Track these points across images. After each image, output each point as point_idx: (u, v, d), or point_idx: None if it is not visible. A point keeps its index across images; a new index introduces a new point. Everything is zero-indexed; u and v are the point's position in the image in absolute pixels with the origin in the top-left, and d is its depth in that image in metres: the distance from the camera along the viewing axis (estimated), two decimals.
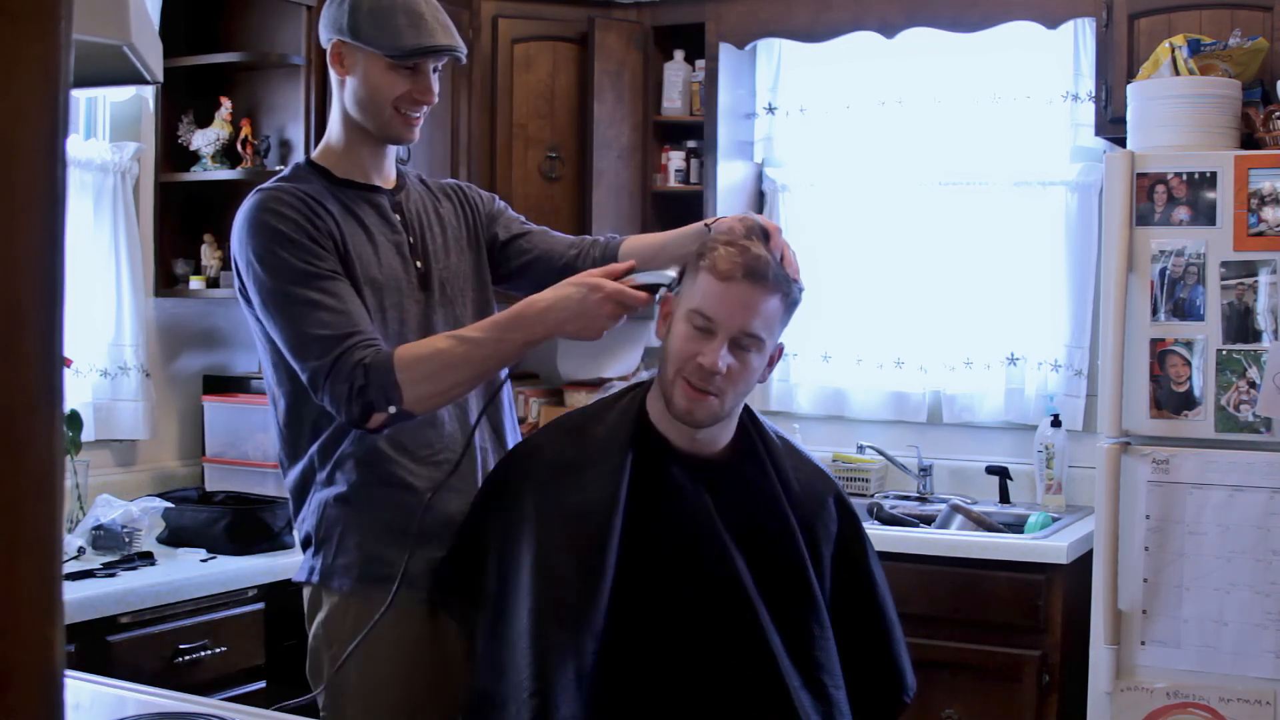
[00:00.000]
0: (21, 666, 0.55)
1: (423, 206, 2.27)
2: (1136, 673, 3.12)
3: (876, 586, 2.01)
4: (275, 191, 2.12)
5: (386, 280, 2.14)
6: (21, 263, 0.55)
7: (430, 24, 2.15)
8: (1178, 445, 3.09)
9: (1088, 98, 3.73)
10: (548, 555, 1.85)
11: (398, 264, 2.17)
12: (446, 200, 2.32)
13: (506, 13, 4.00)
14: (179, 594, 2.74)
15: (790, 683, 1.84)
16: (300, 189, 2.12)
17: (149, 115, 3.44)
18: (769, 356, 1.92)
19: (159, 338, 3.50)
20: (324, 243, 2.08)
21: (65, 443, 1.30)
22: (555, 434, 2.00)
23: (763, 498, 1.93)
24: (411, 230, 2.22)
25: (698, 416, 1.87)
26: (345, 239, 2.11)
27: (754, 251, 1.84)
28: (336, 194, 2.16)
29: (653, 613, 1.86)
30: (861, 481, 3.97)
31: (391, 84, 2.14)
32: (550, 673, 1.78)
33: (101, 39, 1.44)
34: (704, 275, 1.85)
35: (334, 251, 2.09)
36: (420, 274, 2.19)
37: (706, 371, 1.83)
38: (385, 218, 2.20)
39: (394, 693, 2.08)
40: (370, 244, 2.15)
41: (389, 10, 2.13)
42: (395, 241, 2.18)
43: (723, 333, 1.83)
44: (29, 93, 0.55)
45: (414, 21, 2.13)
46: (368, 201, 2.19)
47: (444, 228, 2.27)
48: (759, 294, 1.83)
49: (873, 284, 4.11)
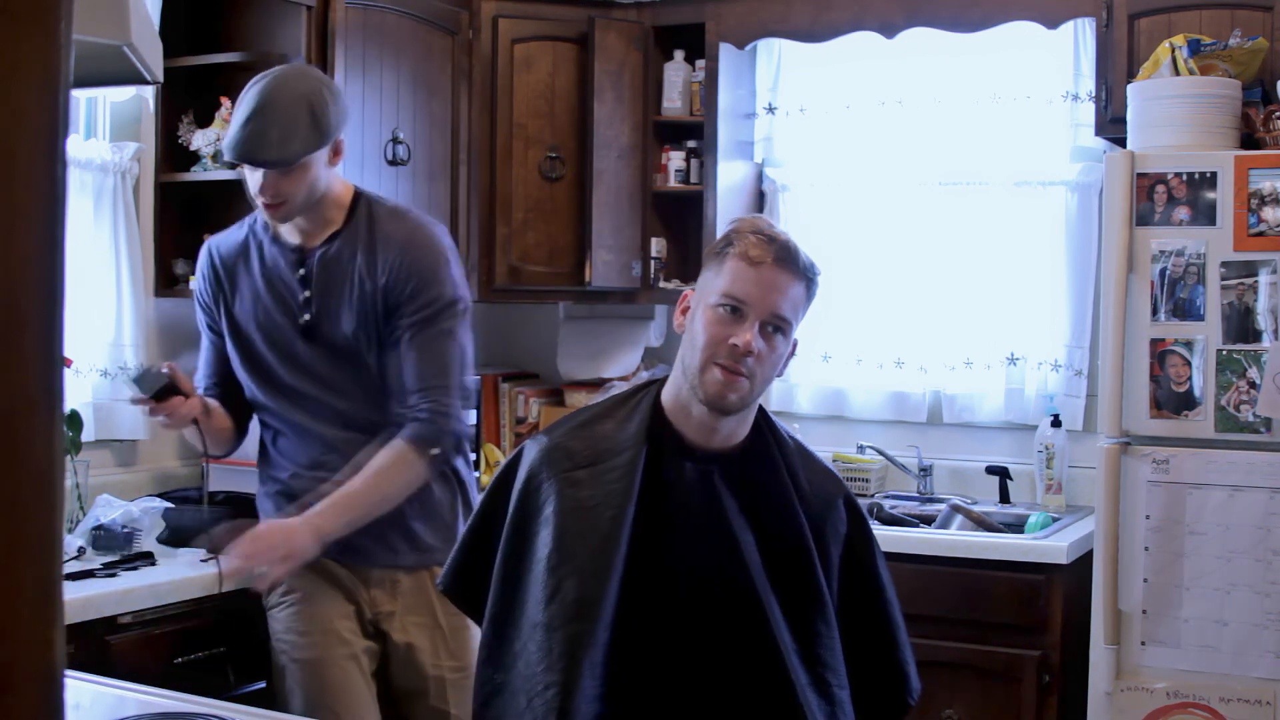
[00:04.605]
0: (21, 666, 0.55)
1: (337, 262, 2.60)
2: (1136, 673, 3.12)
3: (884, 589, 2.02)
4: (205, 247, 2.73)
5: (270, 327, 2.61)
6: (21, 263, 0.55)
7: (254, 135, 2.45)
8: (1178, 445, 3.09)
9: (1088, 98, 3.73)
10: (563, 547, 1.86)
11: (283, 317, 2.61)
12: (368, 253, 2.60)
13: (506, 13, 4.00)
14: (179, 594, 2.74)
15: (798, 680, 1.85)
16: (226, 245, 2.68)
17: (149, 115, 3.44)
18: (789, 348, 1.95)
19: (159, 338, 3.50)
20: (207, 302, 2.70)
21: (65, 443, 1.30)
22: (569, 428, 2.00)
23: (774, 495, 1.94)
24: (310, 285, 2.59)
25: (730, 400, 1.88)
26: (234, 292, 2.65)
27: (782, 239, 1.90)
28: (260, 249, 2.64)
29: (663, 606, 1.87)
30: (861, 481, 3.97)
31: (247, 176, 2.54)
32: (566, 664, 1.79)
33: (101, 39, 1.44)
34: (732, 262, 1.88)
35: (215, 307, 2.68)
36: (304, 326, 2.59)
37: (740, 352, 1.85)
38: (285, 275, 2.61)
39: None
40: (263, 295, 2.62)
41: (238, 112, 2.50)
42: (286, 295, 2.61)
43: (754, 314, 1.86)
44: (29, 93, 0.55)
45: (243, 130, 2.46)
46: (282, 257, 2.62)
47: (349, 287, 2.59)
48: (788, 278, 1.88)
49: (873, 284, 4.11)
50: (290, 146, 2.46)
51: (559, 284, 4.07)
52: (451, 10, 3.87)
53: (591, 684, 1.80)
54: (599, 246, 4.00)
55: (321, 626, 2.60)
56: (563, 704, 1.78)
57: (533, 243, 4.03)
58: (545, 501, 1.91)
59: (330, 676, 2.59)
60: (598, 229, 3.99)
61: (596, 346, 4.35)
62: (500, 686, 1.88)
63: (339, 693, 2.58)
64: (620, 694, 1.82)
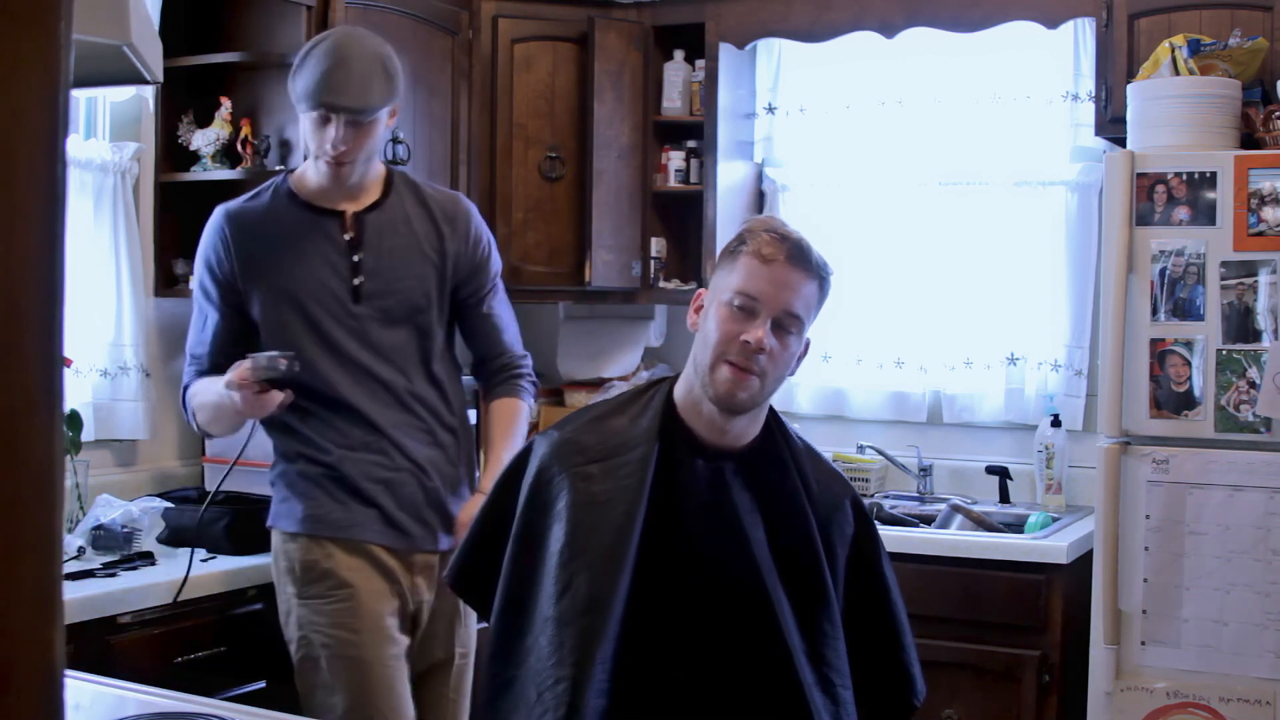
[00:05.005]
0: (21, 666, 0.55)
1: (393, 227, 2.62)
2: (1136, 673, 3.12)
3: (889, 591, 2.03)
4: (216, 218, 2.62)
5: (314, 293, 2.56)
6: (21, 263, 0.55)
7: (333, 82, 2.45)
8: (1178, 445, 3.09)
9: (1088, 98, 3.73)
10: (575, 542, 1.87)
11: (334, 280, 2.57)
12: (428, 220, 2.66)
13: (506, 13, 4.00)
14: (179, 594, 2.74)
15: (804, 679, 1.85)
16: (246, 213, 2.60)
17: (149, 115, 3.43)
18: (802, 348, 1.95)
19: (159, 338, 3.49)
20: (225, 275, 2.59)
21: (65, 443, 1.30)
22: (581, 423, 2.01)
23: (784, 494, 1.95)
24: (361, 249, 2.58)
25: (740, 398, 1.89)
26: (267, 260, 2.57)
27: (794, 238, 1.91)
28: (292, 214, 2.59)
29: (672, 603, 1.88)
30: (861, 481, 3.97)
31: (310, 131, 2.53)
32: (578, 658, 1.80)
33: (101, 39, 1.44)
34: (745, 259, 1.89)
35: (240, 278, 2.57)
36: (356, 288, 2.57)
37: (751, 349, 1.86)
38: (330, 237, 2.58)
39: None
40: (302, 263, 2.56)
41: (311, 64, 2.48)
42: (334, 260, 2.57)
43: (766, 311, 1.87)
44: (29, 93, 0.55)
45: (321, 77, 2.46)
46: (317, 224, 2.58)
47: (403, 249, 2.62)
48: (801, 276, 1.89)
49: (873, 284, 4.11)
50: (371, 96, 2.49)
51: (559, 284, 4.07)
52: (451, 10, 3.87)
53: (601, 678, 1.80)
54: (599, 246, 4.00)
55: (374, 624, 2.55)
56: (573, 699, 1.78)
57: (533, 243, 4.03)
58: (557, 496, 1.92)
59: (379, 676, 2.53)
60: (598, 229, 3.99)
61: (596, 346, 4.35)
62: (510, 681, 1.88)
63: (386, 694, 2.54)
64: (628, 688, 1.82)
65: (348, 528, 2.57)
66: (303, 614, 2.57)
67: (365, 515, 2.57)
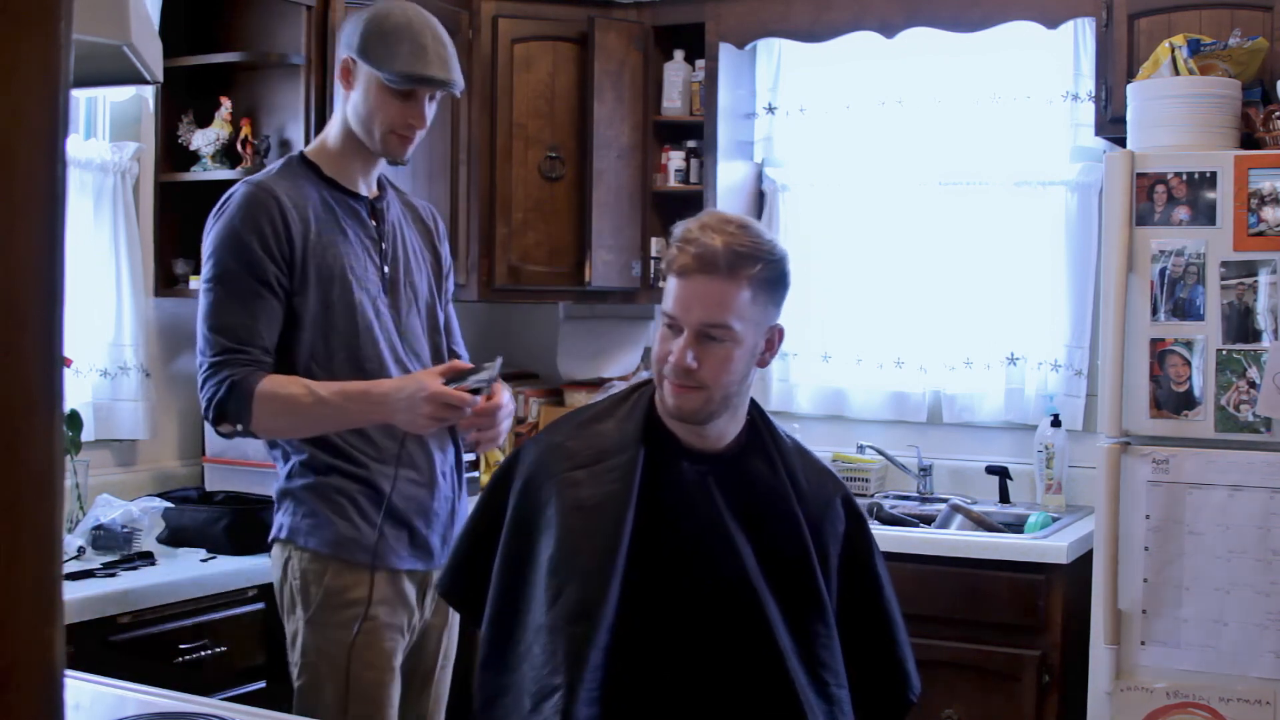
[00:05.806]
0: (21, 666, 0.55)
1: (399, 218, 2.56)
2: (1136, 673, 3.12)
3: (883, 589, 2.02)
4: (257, 191, 2.37)
5: (360, 277, 2.41)
6: (21, 263, 0.55)
7: (431, 56, 2.38)
8: (1178, 445, 3.09)
9: (1088, 98, 3.73)
10: (564, 549, 1.86)
11: (370, 266, 2.45)
12: (419, 223, 2.63)
13: (506, 13, 4.00)
14: (179, 594, 2.74)
15: (797, 680, 1.85)
16: (284, 188, 2.38)
17: (149, 115, 3.43)
18: (763, 340, 1.92)
19: (159, 338, 3.49)
20: (275, 252, 2.33)
21: (65, 443, 1.30)
22: (568, 428, 2.01)
23: (771, 494, 1.94)
24: (385, 238, 2.49)
25: (686, 411, 1.89)
26: (312, 239, 2.37)
27: (704, 241, 1.84)
28: (321, 192, 2.43)
29: (662, 607, 1.87)
30: (861, 481, 3.97)
31: (387, 106, 2.40)
32: (570, 665, 1.79)
33: (101, 39, 1.44)
34: (669, 276, 1.89)
35: (284, 258, 2.34)
36: (386, 278, 2.47)
37: (679, 368, 1.85)
38: (362, 222, 2.47)
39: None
40: (348, 242, 2.42)
41: (396, 38, 2.36)
42: (368, 244, 2.46)
43: (687, 329, 1.86)
44: (29, 93, 0.55)
45: (416, 51, 2.36)
46: (348, 205, 2.46)
47: (410, 242, 2.56)
48: (716, 284, 1.83)
49: (873, 284, 4.11)
50: (457, 70, 2.44)
51: (559, 284, 4.07)
52: (451, 10, 3.87)
53: (591, 686, 1.80)
54: (599, 246, 4.00)
55: (387, 661, 2.42)
56: (567, 706, 1.77)
57: (533, 243, 4.03)
58: (546, 503, 1.91)
59: (385, 716, 2.44)
60: (597, 229, 3.99)
61: (596, 346, 4.36)
62: (503, 689, 1.88)
63: (380, 707, 2.44)
64: (620, 694, 1.82)
65: (384, 555, 2.40)
66: (314, 640, 2.40)
67: (398, 539, 2.43)
